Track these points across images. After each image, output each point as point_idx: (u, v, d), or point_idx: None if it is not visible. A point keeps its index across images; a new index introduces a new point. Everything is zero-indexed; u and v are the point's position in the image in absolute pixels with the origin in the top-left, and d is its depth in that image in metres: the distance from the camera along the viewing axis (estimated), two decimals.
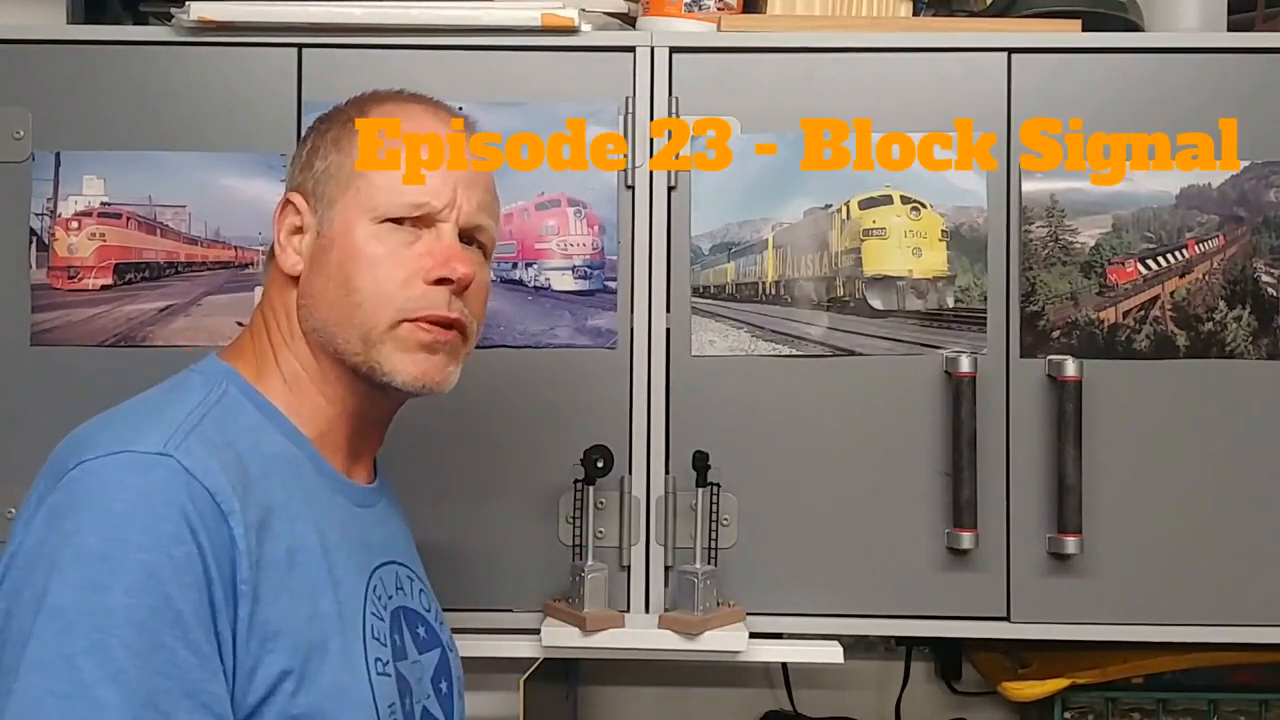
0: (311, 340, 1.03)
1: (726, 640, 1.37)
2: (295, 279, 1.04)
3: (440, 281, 1.01)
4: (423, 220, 1.02)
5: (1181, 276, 1.43)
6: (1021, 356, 1.42)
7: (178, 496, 0.86)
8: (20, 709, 0.81)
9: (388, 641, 1.02)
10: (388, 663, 1.00)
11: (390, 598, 1.06)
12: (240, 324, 1.41)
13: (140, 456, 0.88)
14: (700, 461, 1.38)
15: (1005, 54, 1.43)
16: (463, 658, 1.21)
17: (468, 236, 1.05)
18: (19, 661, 0.82)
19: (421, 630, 1.09)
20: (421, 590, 1.14)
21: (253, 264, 1.43)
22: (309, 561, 0.95)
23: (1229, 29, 1.51)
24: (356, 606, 1.00)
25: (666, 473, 1.42)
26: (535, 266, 1.44)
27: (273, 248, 1.06)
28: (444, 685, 1.11)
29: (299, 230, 1.04)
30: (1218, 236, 1.43)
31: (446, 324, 1.02)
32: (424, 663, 1.08)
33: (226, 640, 0.87)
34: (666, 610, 1.41)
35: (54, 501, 0.88)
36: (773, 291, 1.44)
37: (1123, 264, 1.43)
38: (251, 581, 0.89)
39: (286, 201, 1.05)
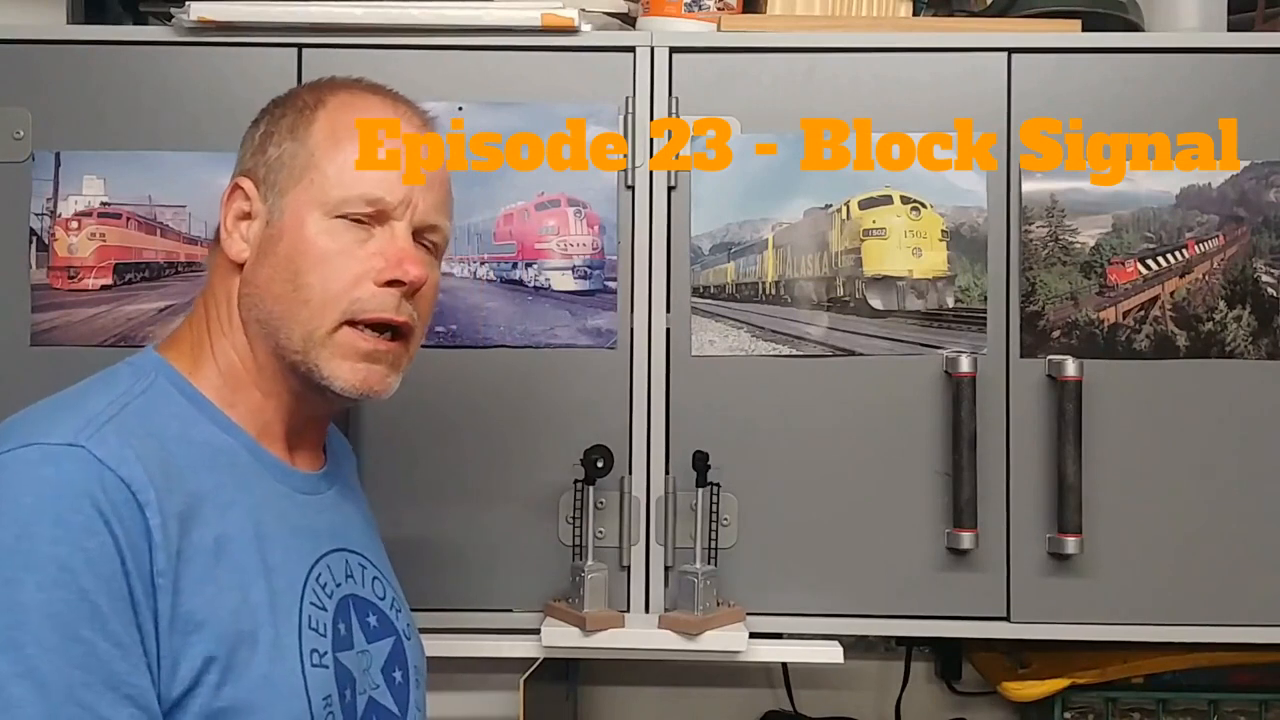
0: (251, 332, 1.00)
1: (726, 640, 1.37)
2: (240, 266, 1.01)
3: (391, 283, 0.98)
4: (376, 217, 0.99)
5: (1181, 276, 1.43)
6: (1021, 356, 1.42)
7: (88, 487, 0.84)
8: None
9: (328, 632, 0.99)
10: (325, 654, 0.97)
11: (338, 585, 1.03)
12: None
13: (50, 448, 0.86)
14: (700, 461, 1.38)
15: (1005, 54, 1.43)
16: (462, 658, 1.20)
17: (421, 239, 1.03)
18: None
19: (372, 619, 1.06)
20: (376, 578, 1.10)
21: None
22: (239, 550, 0.93)
23: (1229, 29, 1.51)
24: (293, 596, 0.97)
25: (666, 473, 1.42)
26: (535, 266, 1.44)
27: (218, 232, 1.03)
28: (398, 674, 1.08)
29: (247, 216, 1.01)
30: (1218, 236, 1.43)
31: (392, 332, 1.00)
32: (373, 652, 1.05)
33: (149, 632, 0.86)
34: (666, 610, 1.41)
35: None
36: (773, 291, 1.44)
37: (1123, 264, 1.43)
38: (170, 574, 0.87)
39: (235, 186, 1.03)
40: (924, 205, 1.43)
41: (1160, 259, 1.43)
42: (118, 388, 0.95)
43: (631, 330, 1.43)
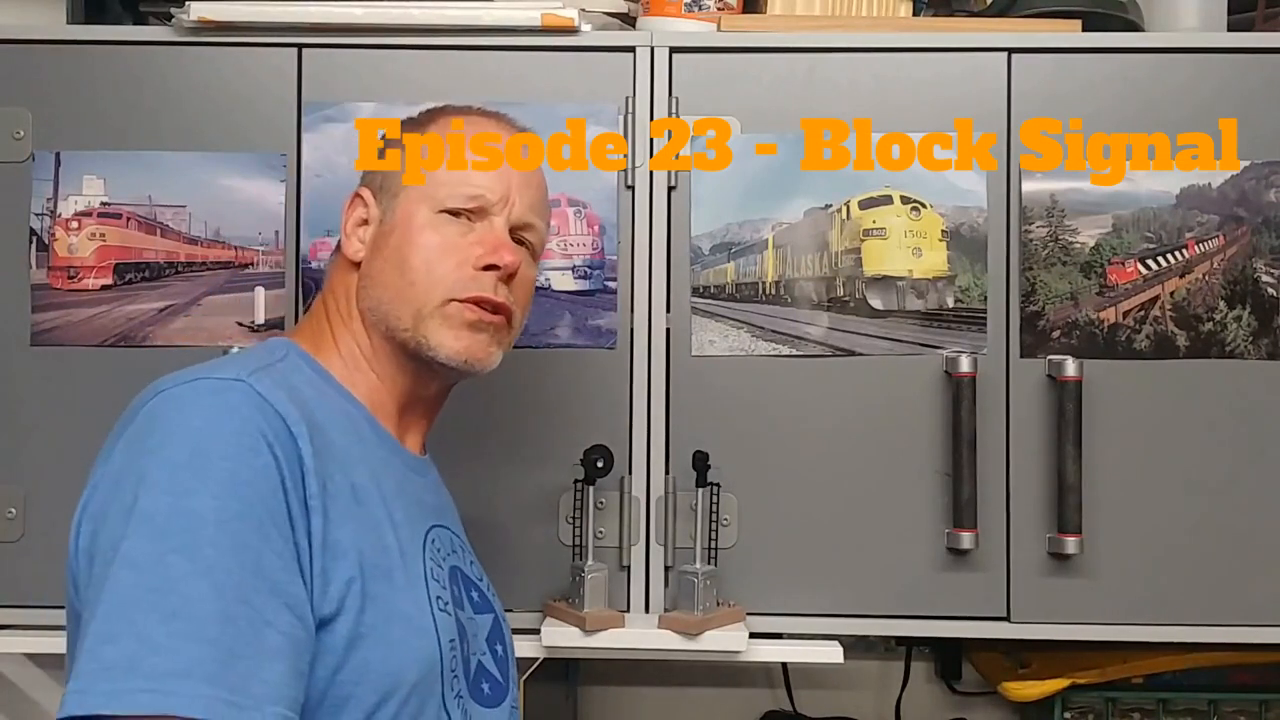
0: (367, 319, 1.08)
1: (726, 640, 1.37)
2: (356, 265, 1.10)
3: (489, 268, 1.07)
4: (478, 213, 1.08)
5: (1181, 276, 1.43)
6: (1021, 356, 1.42)
7: (251, 414, 0.91)
8: (113, 605, 0.83)
9: (447, 587, 1.06)
10: (448, 603, 1.04)
11: (446, 556, 1.10)
12: (240, 324, 1.42)
13: (216, 381, 0.93)
14: (700, 461, 1.38)
15: (1005, 54, 1.43)
16: None
17: (517, 236, 1.11)
18: (110, 565, 0.85)
19: (474, 594, 1.13)
20: (472, 561, 1.18)
21: (252, 264, 1.43)
22: (370, 500, 1.00)
23: (1229, 29, 1.52)
24: (416, 549, 1.03)
25: (666, 473, 1.42)
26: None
27: (339, 240, 1.12)
28: (499, 648, 1.14)
29: (365, 223, 1.11)
30: (1218, 236, 1.43)
31: (493, 307, 1.07)
32: (479, 622, 1.12)
33: (304, 550, 0.91)
34: (666, 610, 1.41)
35: (134, 429, 0.92)
36: (773, 291, 1.44)
37: (1123, 264, 1.43)
38: (320, 500, 0.93)
39: (356, 195, 1.13)
40: (924, 205, 1.43)
41: (1160, 259, 1.43)
42: (255, 356, 1.02)
43: (631, 330, 1.43)
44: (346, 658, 0.92)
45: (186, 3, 1.41)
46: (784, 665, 1.81)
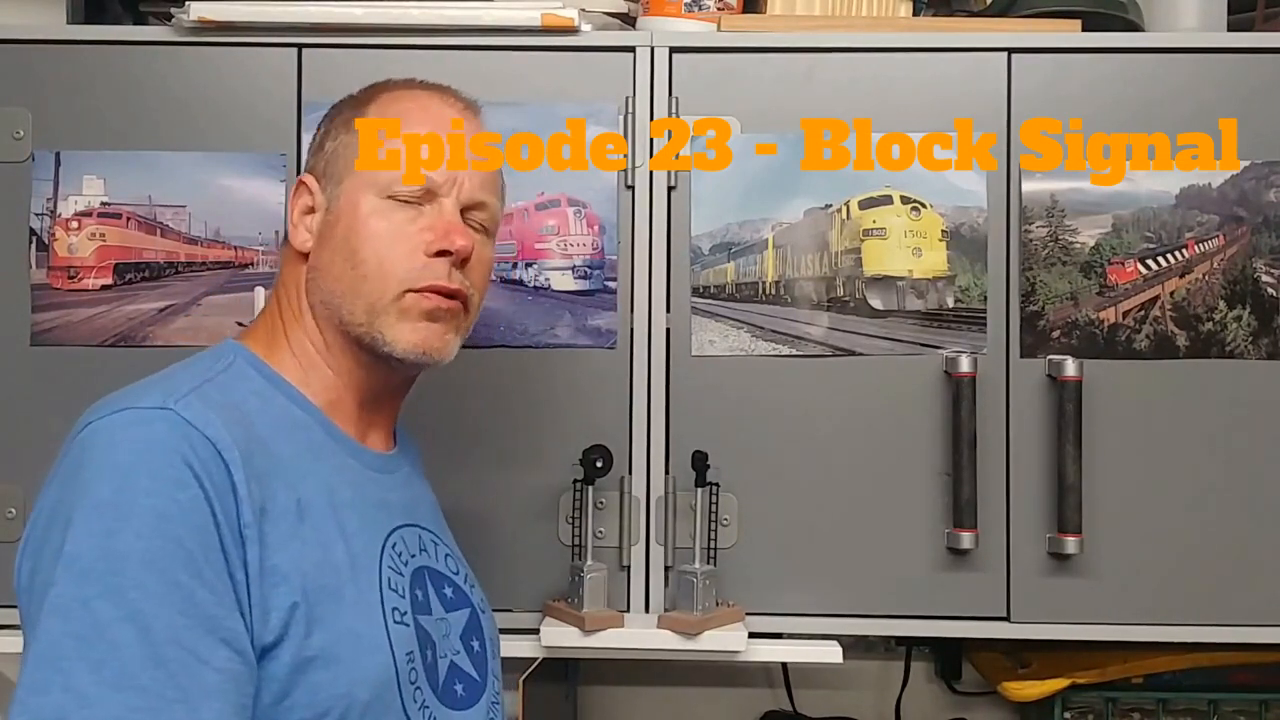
0: (318, 313, 1.06)
1: (726, 640, 1.37)
2: (306, 256, 1.07)
3: (441, 254, 1.04)
4: (425, 197, 1.05)
5: (1181, 276, 1.43)
6: (1021, 356, 1.42)
7: (178, 444, 0.89)
8: (41, 651, 0.83)
9: (407, 595, 1.03)
10: (406, 613, 1.02)
11: (413, 557, 1.08)
12: (240, 324, 1.42)
13: (141, 411, 0.91)
14: (700, 461, 1.38)
15: (1005, 54, 1.43)
16: None
17: (469, 215, 1.08)
18: (40, 610, 0.85)
19: (448, 590, 1.11)
20: (448, 555, 1.15)
21: (252, 264, 1.43)
22: (318, 514, 0.98)
23: (1229, 29, 1.51)
24: (371, 559, 1.01)
25: (666, 473, 1.42)
26: (535, 266, 1.44)
27: (287, 230, 1.10)
28: (475, 644, 1.12)
29: (311, 210, 1.08)
30: (1218, 236, 1.43)
31: (449, 294, 1.05)
32: (451, 620, 1.10)
33: (240, 581, 0.90)
34: (666, 610, 1.41)
35: (66, 463, 0.91)
36: (773, 291, 1.44)
37: (1123, 264, 1.43)
38: (255, 527, 0.91)
39: (300, 183, 1.09)
40: (924, 205, 1.43)
41: (1160, 259, 1.43)
42: (201, 366, 1.01)
43: (631, 330, 1.43)
44: (294, 683, 0.91)
45: (186, 3, 1.41)
46: (784, 665, 1.81)
